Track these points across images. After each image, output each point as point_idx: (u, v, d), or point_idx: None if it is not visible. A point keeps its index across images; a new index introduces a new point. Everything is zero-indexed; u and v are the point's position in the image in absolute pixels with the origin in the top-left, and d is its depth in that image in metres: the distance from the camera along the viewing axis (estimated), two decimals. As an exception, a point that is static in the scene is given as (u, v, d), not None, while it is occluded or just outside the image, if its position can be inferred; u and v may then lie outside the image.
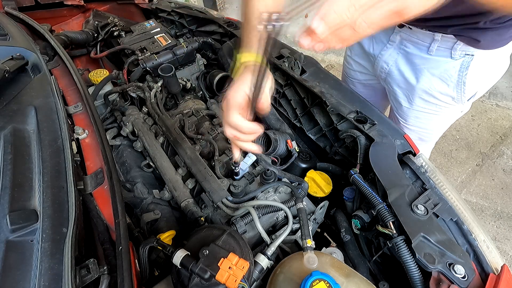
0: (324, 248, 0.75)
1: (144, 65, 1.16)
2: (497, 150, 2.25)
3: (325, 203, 0.83)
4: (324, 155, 1.06)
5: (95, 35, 1.47)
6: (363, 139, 0.85)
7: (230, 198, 0.76)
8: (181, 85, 1.13)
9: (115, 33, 1.40)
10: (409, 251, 0.64)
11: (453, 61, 0.88)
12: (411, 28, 0.90)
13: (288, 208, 0.73)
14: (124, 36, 1.38)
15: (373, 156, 0.80)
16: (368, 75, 1.19)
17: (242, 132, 0.62)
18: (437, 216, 0.69)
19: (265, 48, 0.46)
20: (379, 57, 1.04)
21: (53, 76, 0.90)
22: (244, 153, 0.90)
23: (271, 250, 0.67)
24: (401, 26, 0.93)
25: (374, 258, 0.77)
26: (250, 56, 0.66)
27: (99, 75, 1.19)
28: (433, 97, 0.98)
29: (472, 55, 0.85)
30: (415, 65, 0.96)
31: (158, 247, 0.64)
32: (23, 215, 0.55)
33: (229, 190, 0.78)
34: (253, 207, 0.72)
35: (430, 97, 0.99)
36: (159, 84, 1.11)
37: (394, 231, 0.67)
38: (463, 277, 0.60)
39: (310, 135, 1.07)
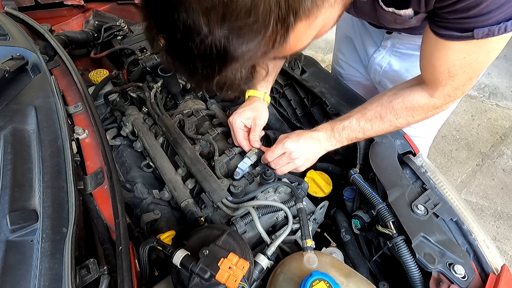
0: (324, 248, 0.75)
1: (144, 65, 1.16)
2: (497, 150, 2.25)
3: (325, 203, 0.83)
4: (324, 155, 1.06)
5: (95, 35, 1.47)
6: (363, 139, 0.85)
7: (230, 198, 0.76)
8: (181, 85, 1.12)
9: (118, 38, 1.40)
10: (409, 251, 0.64)
11: None
12: (400, 33, 0.89)
13: (288, 208, 0.73)
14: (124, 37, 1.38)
15: (373, 156, 0.80)
16: (361, 77, 1.19)
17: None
18: (437, 216, 0.69)
19: None
20: (372, 60, 1.03)
21: (53, 76, 0.90)
22: (244, 153, 0.90)
23: (271, 250, 0.67)
24: (389, 32, 0.92)
25: (374, 258, 0.77)
26: (252, 92, 0.95)
27: (99, 75, 1.19)
28: None
29: None
30: (410, 62, 0.95)
31: (158, 247, 0.63)
32: (23, 215, 0.55)
33: (229, 190, 0.78)
34: (253, 207, 0.72)
35: None
36: (159, 84, 1.11)
37: (394, 231, 0.67)
38: (463, 277, 0.60)
39: (310, 135, 1.07)
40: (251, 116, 0.90)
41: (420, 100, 0.73)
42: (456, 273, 0.60)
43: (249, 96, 0.96)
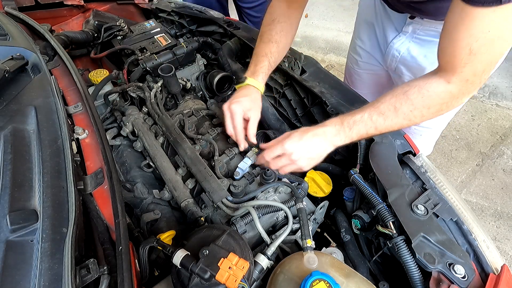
0: (324, 248, 0.75)
1: (144, 65, 1.16)
2: (497, 150, 2.25)
3: (325, 203, 0.83)
4: (324, 155, 1.06)
5: (95, 35, 1.47)
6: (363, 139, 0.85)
7: (230, 198, 0.76)
8: (181, 85, 1.12)
9: (118, 38, 1.40)
10: (409, 251, 0.64)
11: None
12: (422, 19, 0.90)
13: (288, 208, 0.73)
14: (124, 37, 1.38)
15: (373, 156, 0.80)
16: (377, 66, 1.19)
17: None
18: (437, 216, 0.69)
19: None
20: (391, 46, 1.03)
21: (53, 76, 0.90)
22: (244, 153, 0.90)
23: (271, 250, 0.67)
24: (412, 17, 0.93)
25: (374, 258, 0.77)
26: (252, 81, 0.94)
27: (99, 75, 1.19)
28: None
29: None
30: (429, 48, 0.95)
31: (158, 247, 0.64)
32: (23, 215, 0.55)
33: (229, 190, 0.78)
34: (253, 207, 0.72)
35: None
36: (159, 84, 1.11)
37: (394, 231, 0.67)
38: (463, 277, 0.60)
39: (310, 135, 1.07)
40: (250, 107, 0.90)
41: (437, 87, 0.69)
42: (456, 273, 0.60)
43: (246, 84, 0.94)
